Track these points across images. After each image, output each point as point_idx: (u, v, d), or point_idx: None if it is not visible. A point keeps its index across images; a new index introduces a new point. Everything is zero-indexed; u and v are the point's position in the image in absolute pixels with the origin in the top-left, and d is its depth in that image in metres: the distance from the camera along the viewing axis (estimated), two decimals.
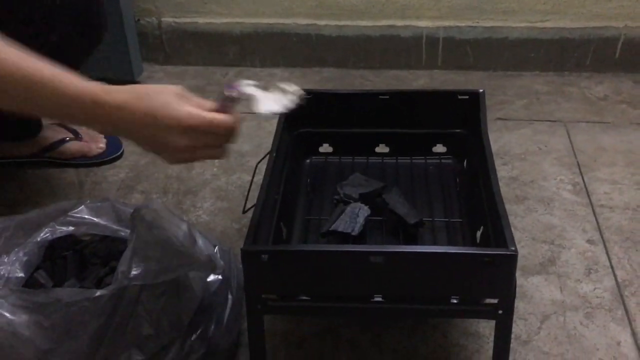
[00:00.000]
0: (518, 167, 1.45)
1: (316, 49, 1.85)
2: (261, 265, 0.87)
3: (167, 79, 1.86)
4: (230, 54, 1.89)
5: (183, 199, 1.38)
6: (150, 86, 0.78)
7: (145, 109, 0.74)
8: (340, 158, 1.28)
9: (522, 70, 1.82)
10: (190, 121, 0.75)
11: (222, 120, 0.78)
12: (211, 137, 0.78)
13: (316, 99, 1.24)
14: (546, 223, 1.29)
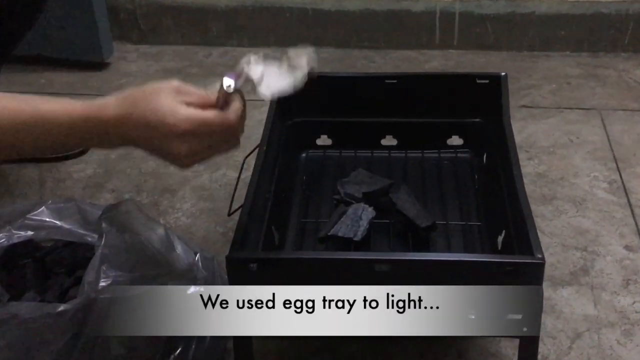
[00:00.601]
0: (545, 162, 1.45)
1: (313, 25, 1.84)
2: (249, 275, 0.87)
3: (142, 61, 1.86)
4: (215, 31, 1.89)
5: (160, 198, 1.38)
6: (145, 89, 0.79)
7: (137, 119, 0.77)
8: (341, 152, 1.28)
9: (550, 50, 1.82)
10: (185, 126, 0.76)
11: (222, 119, 0.78)
12: (215, 138, 0.79)
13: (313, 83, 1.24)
14: (578, 227, 1.29)
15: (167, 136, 0.76)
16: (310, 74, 0.83)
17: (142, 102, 0.78)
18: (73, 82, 1.76)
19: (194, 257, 0.99)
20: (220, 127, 0.78)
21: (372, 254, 1.02)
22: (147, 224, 0.95)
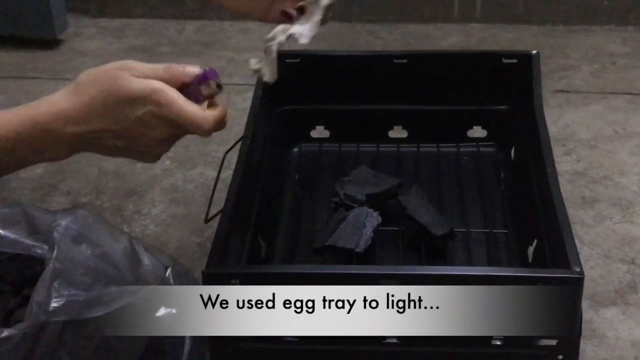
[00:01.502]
0: (585, 158, 1.46)
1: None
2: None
3: (101, 37, 1.86)
4: (189, 2, 1.89)
5: (124, 202, 1.38)
6: (89, 73, 0.83)
7: (95, 102, 0.80)
8: (340, 145, 1.29)
9: (591, 23, 1.82)
10: (147, 91, 0.81)
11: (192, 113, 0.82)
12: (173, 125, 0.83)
13: (307, 64, 1.25)
14: (624, 235, 1.30)
15: (133, 103, 0.80)
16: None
17: (94, 85, 0.81)
18: (20, 64, 1.76)
19: (164, 272, 0.99)
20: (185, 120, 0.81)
21: (378, 268, 1.03)
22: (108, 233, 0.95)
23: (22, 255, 0.99)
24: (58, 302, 0.86)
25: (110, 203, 1.38)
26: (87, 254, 0.90)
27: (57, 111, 0.81)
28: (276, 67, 0.89)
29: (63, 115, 0.81)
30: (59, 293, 0.86)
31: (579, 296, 0.88)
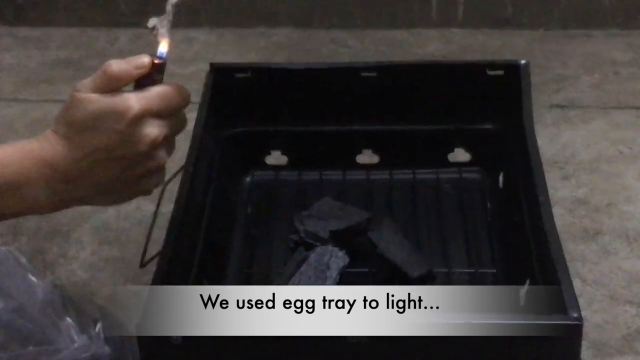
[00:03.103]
0: (587, 183, 1.47)
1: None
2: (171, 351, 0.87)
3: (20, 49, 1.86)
4: (122, 7, 1.89)
5: (46, 244, 1.37)
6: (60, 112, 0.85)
7: (80, 129, 0.83)
8: (300, 173, 1.29)
9: (590, 27, 1.85)
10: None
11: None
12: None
13: (259, 78, 1.26)
14: (632, 272, 1.31)
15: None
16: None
17: (71, 119, 0.83)
18: None
19: (93, 327, 0.98)
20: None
21: None
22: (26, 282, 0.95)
23: None
24: None
25: (29, 245, 1.37)
26: (0, 308, 0.90)
27: (52, 140, 0.84)
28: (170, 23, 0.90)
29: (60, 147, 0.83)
30: None
31: (578, 345, 0.88)
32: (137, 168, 0.85)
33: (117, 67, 0.84)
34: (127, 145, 0.83)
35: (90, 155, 0.83)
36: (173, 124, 0.86)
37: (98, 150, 0.83)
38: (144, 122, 0.82)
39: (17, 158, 0.83)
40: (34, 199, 0.84)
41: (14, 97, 1.72)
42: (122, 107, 0.82)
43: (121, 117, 0.82)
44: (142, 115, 0.82)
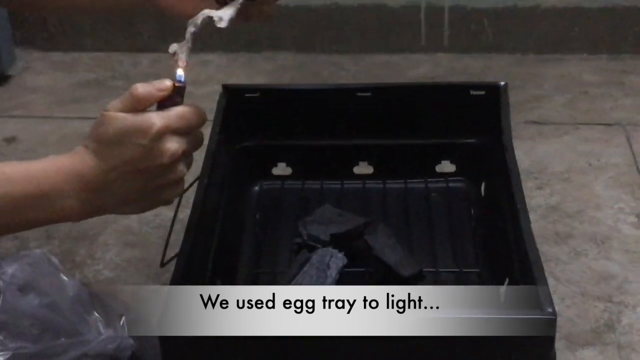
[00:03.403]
0: (559, 192, 1.47)
1: (268, 24, 1.86)
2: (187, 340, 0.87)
3: (52, 72, 1.86)
4: (144, 35, 1.90)
5: (75, 246, 1.37)
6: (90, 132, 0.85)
7: (111, 145, 0.82)
8: (303, 183, 1.29)
9: (562, 52, 1.85)
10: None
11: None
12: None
13: (267, 98, 1.26)
14: (601, 271, 1.31)
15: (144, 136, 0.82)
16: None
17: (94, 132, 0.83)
18: None
19: (118, 320, 0.99)
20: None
21: None
22: (58, 280, 0.95)
23: None
24: (4, 356, 0.85)
25: (61, 248, 1.37)
26: (35, 304, 0.90)
27: (84, 153, 0.84)
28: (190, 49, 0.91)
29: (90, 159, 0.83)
30: (4, 346, 0.86)
31: (552, 338, 0.88)
32: (159, 180, 0.85)
33: (142, 89, 0.84)
34: (150, 159, 0.83)
35: (117, 167, 0.83)
36: (191, 141, 0.86)
37: (124, 163, 0.83)
38: (165, 138, 0.82)
39: (51, 171, 0.83)
40: (66, 208, 0.84)
41: (47, 115, 1.72)
42: (146, 124, 0.82)
43: (145, 134, 0.82)
44: (163, 132, 0.82)
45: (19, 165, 0.84)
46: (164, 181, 0.85)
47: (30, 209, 0.83)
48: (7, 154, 1.60)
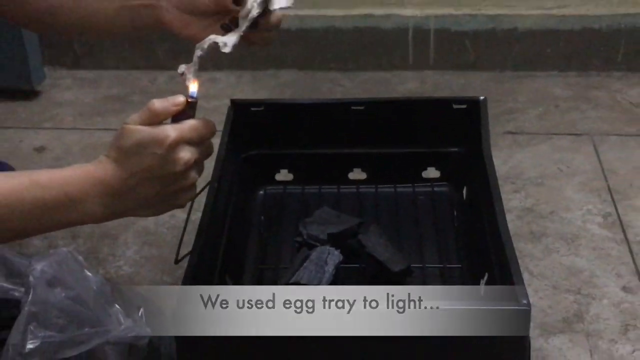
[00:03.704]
0: (533, 195, 1.47)
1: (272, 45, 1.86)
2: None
3: (77, 88, 1.86)
4: (160, 54, 1.90)
5: (98, 245, 1.37)
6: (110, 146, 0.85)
7: (129, 154, 0.83)
8: (303, 188, 1.29)
9: (536, 69, 1.85)
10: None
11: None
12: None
13: (271, 111, 1.26)
14: (571, 266, 1.31)
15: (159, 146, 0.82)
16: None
17: (114, 144, 0.84)
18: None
19: (136, 312, 0.98)
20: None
21: None
22: (82, 275, 0.95)
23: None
24: (33, 344, 0.85)
25: (85, 246, 1.37)
26: (62, 297, 0.90)
27: (107, 162, 0.84)
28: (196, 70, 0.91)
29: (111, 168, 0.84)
30: (34, 335, 0.86)
31: (527, 327, 0.88)
32: (173, 185, 0.85)
33: (159, 104, 0.84)
34: (166, 166, 0.83)
35: (136, 174, 0.83)
36: (202, 151, 0.86)
37: (142, 170, 0.83)
38: (179, 148, 0.83)
39: (77, 178, 0.83)
40: (90, 212, 0.84)
41: (73, 127, 1.72)
42: (161, 135, 0.82)
43: (161, 144, 0.82)
44: (177, 143, 0.83)
45: (48, 173, 0.84)
46: (178, 187, 0.85)
47: (58, 212, 0.82)
48: (38, 162, 1.60)
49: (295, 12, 1.82)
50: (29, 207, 0.81)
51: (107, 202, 0.84)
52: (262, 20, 0.93)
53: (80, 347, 0.88)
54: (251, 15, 0.92)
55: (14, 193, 0.81)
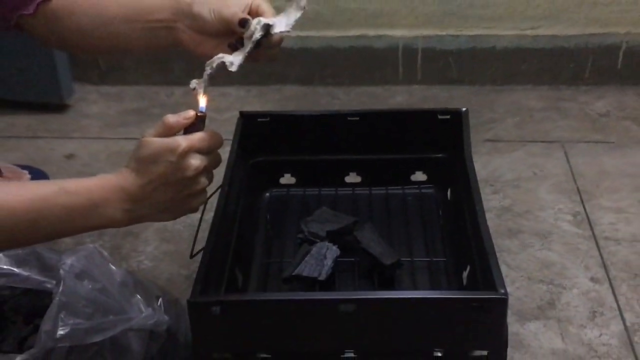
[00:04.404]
0: (510, 196, 1.47)
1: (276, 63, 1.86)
2: (212, 318, 0.87)
3: (103, 102, 1.86)
4: (176, 71, 1.90)
5: (122, 242, 1.37)
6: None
7: (135, 163, 0.84)
8: (305, 190, 1.29)
9: (512, 84, 1.85)
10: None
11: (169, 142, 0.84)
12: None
13: (275, 122, 1.26)
14: (544, 260, 1.31)
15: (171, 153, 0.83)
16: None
17: (135, 156, 0.84)
18: (33, 125, 1.76)
19: (155, 301, 0.98)
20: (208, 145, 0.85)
21: (337, 294, 1.03)
22: (107, 269, 0.95)
23: (33, 290, 0.99)
24: (64, 330, 0.86)
25: (110, 243, 1.37)
26: (89, 288, 0.90)
27: (125, 172, 0.84)
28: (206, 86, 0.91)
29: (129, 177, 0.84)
30: (64, 322, 0.86)
31: (505, 313, 0.89)
32: (185, 190, 0.85)
33: (172, 119, 0.85)
34: (178, 173, 0.83)
35: (153, 182, 0.83)
36: (211, 159, 0.86)
37: (158, 177, 0.83)
38: (189, 155, 0.83)
39: (100, 187, 0.83)
40: (112, 216, 0.84)
41: (99, 137, 1.72)
42: (173, 145, 0.83)
43: (173, 152, 0.82)
44: (188, 151, 0.83)
45: (75, 182, 0.84)
46: (190, 191, 0.85)
47: (83, 216, 0.83)
48: (67, 168, 1.60)
49: (297, 33, 1.81)
50: (58, 212, 0.82)
51: (127, 208, 0.84)
52: (264, 40, 0.93)
53: (105, 333, 0.88)
54: (254, 37, 0.92)
55: (44, 199, 0.81)
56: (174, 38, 1.00)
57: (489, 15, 1.79)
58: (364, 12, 1.80)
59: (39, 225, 0.82)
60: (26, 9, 1.01)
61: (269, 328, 0.90)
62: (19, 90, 1.77)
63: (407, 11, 1.79)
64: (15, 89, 1.77)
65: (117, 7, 1.01)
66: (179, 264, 1.31)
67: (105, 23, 1.01)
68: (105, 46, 1.05)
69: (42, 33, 1.05)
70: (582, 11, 1.77)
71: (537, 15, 1.79)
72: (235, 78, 1.87)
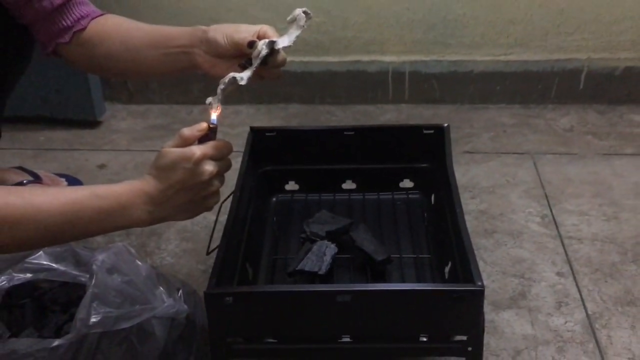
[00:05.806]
0: (486, 201, 1.47)
1: (282, 85, 1.86)
2: (225, 308, 0.87)
3: (131, 119, 1.86)
4: (195, 91, 1.90)
5: (147, 240, 1.37)
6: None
7: (164, 172, 0.85)
8: (307, 195, 1.29)
9: (488, 103, 1.85)
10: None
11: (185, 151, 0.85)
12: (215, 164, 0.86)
13: (281, 136, 1.26)
14: (516, 256, 1.31)
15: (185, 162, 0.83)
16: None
17: (155, 166, 0.85)
18: (69, 139, 1.76)
19: (176, 293, 0.98)
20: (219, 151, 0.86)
21: (335, 286, 1.03)
22: (134, 264, 0.95)
23: (69, 283, 0.98)
24: (96, 318, 0.85)
25: (137, 241, 1.37)
26: (118, 281, 0.90)
27: (147, 176, 0.85)
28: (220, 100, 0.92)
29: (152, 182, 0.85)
30: (96, 311, 0.86)
31: (482, 303, 0.89)
32: (201, 192, 0.85)
33: (187, 131, 0.86)
34: (194, 177, 0.83)
35: (172, 186, 0.83)
36: (222, 164, 0.87)
37: (176, 182, 0.83)
38: (203, 162, 0.84)
39: (127, 191, 0.84)
40: (137, 217, 0.84)
41: (127, 149, 1.72)
42: (189, 153, 0.83)
43: (189, 159, 0.83)
44: (202, 158, 0.83)
45: (105, 187, 0.84)
46: (205, 193, 0.86)
47: (112, 217, 0.83)
48: (100, 176, 1.60)
49: (300, 58, 1.83)
50: (90, 214, 0.82)
51: (150, 210, 0.84)
52: (270, 59, 0.93)
53: (132, 320, 0.88)
54: (261, 54, 0.92)
55: (78, 203, 0.81)
56: (191, 61, 1.00)
57: (467, 42, 1.79)
58: (358, 41, 1.81)
59: (73, 225, 0.82)
60: (63, 37, 1.01)
61: (275, 316, 0.90)
62: (57, 108, 1.77)
63: (397, 39, 1.79)
64: (54, 108, 1.77)
65: (142, 36, 1.01)
66: (197, 260, 1.31)
67: (131, 49, 1.01)
68: (132, 70, 1.05)
69: (77, 58, 1.05)
70: (548, 40, 1.78)
71: (510, 43, 1.79)
72: (246, 97, 1.88)
